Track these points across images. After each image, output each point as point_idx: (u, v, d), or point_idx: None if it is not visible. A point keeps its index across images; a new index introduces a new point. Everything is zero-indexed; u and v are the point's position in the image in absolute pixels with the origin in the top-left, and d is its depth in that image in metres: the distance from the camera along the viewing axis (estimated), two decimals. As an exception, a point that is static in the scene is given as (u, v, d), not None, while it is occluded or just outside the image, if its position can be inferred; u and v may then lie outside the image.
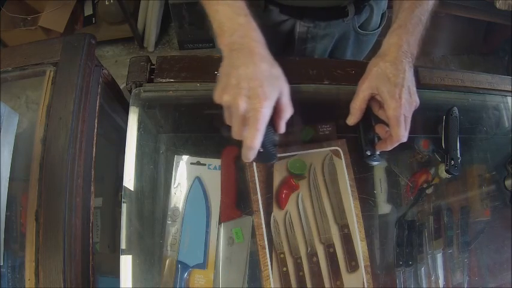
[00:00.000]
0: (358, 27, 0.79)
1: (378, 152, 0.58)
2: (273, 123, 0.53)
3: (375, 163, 0.58)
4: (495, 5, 1.55)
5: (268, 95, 0.47)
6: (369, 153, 0.58)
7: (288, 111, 0.52)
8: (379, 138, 0.60)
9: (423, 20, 0.58)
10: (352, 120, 0.59)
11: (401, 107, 0.52)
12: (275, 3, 0.73)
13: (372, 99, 0.57)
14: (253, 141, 0.47)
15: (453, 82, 0.72)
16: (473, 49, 2.14)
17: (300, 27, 0.76)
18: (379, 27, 0.84)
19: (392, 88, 0.53)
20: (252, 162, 0.52)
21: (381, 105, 0.57)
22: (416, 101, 0.55)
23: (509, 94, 0.77)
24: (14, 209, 0.57)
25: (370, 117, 0.59)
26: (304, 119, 0.68)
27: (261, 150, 0.51)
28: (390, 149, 0.56)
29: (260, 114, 0.46)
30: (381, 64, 0.55)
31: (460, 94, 0.73)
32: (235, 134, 0.50)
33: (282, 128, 0.53)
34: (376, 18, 0.80)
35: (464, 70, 0.74)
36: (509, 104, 0.77)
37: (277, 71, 0.51)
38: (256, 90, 0.47)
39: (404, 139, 0.54)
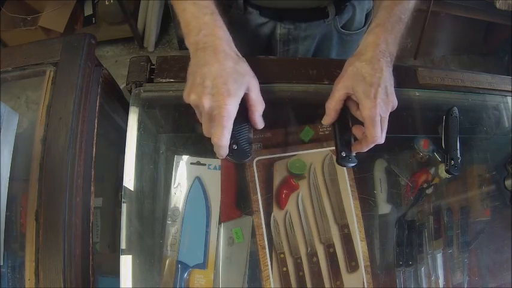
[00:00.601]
0: (341, 27, 0.78)
1: (353, 154, 0.57)
2: (248, 120, 0.53)
3: (350, 165, 0.57)
4: (495, 5, 1.55)
5: (232, 92, 0.47)
6: (343, 154, 0.56)
7: (258, 107, 0.52)
8: (356, 139, 0.58)
9: (403, 18, 0.56)
10: (327, 120, 0.57)
11: (376, 106, 0.51)
12: (254, 5, 0.73)
13: (349, 99, 0.56)
14: (220, 138, 0.47)
15: (453, 82, 0.72)
16: (473, 49, 2.14)
17: (281, 29, 0.76)
18: (363, 26, 0.83)
19: (368, 88, 0.51)
20: (226, 160, 0.53)
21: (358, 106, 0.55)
22: (393, 101, 0.53)
23: (509, 94, 0.77)
24: (14, 209, 0.57)
25: (346, 118, 0.58)
26: (304, 119, 0.68)
27: (235, 148, 0.52)
28: (365, 150, 0.54)
29: (224, 111, 0.47)
30: (357, 63, 0.53)
31: (460, 94, 0.73)
32: (205, 132, 0.50)
33: (259, 124, 0.53)
34: (359, 18, 0.79)
35: (464, 70, 0.74)
36: (509, 104, 0.77)
37: (242, 68, 0.51)
38: (220, 87, 0.47)
39: (380, 140, 0.52)
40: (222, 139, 0.48)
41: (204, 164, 0.63)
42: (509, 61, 2.09)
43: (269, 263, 0.59)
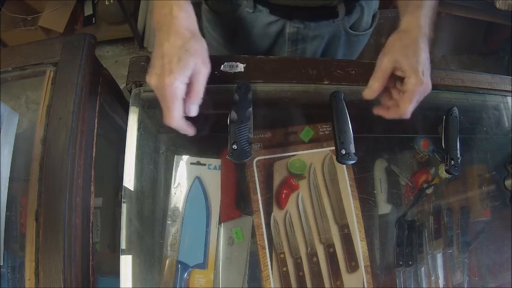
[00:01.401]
0: (349, 27, 0.79)
1: (352, 151, 0.58)
2: (248, 120, 0.53)
3: (350, 162, 0.57)
4: (495, 5, 1.55)
5: (174, 70, 0.46)
6: (343, 152, 0.57)
7: (193, 97, 0.49)
8: (355, 138, 0.59)
9: (434, 7, 0.58)
10: (368, 93, 0.56)
11: (422, 84, 0.52)
12: (265, 3, 0.72)
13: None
14: (169, 120, 0.47)
15: (453, 82, 0.72)
16: (473, 49, 2.14)
17: (290, 28, 0.76)
18: (370, 27, 0.83)
19: (416, 65, 0.52)
20: (226, 160, 0.53)
21: (394, 84, 0.55)
22: (430, 87, 0.54)
23: (509, 94, 0.77)
24: (14, 209, 0.57)
25: (346, 117, 0.59)
26: (304, 119, 0.68)
27: (235, 148, 0.52)
28: (387, 117, 0.56)
29: (167, 91, 0.46)
30: (405, 40, 0.54)
31: (460, 94, 0.73)
32: (164, 119, 0.49)
33: (187, 111, 0.50)
34: (367, 19, 0.80)
35: (464, 70, 0.74)
36: (509, 104, 0.77)
37: (193, 47, 0.48)
38: (164, 66, 0.46)
39: (408, 116, 0.54)
40: (173, 121, 0.47)
41: (204, 164, 0.63)
42: (509, 61, 2.09)
43: (269, 263, 0.59)
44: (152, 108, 0.64)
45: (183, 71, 0.47)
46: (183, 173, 0.63)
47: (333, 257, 0.61)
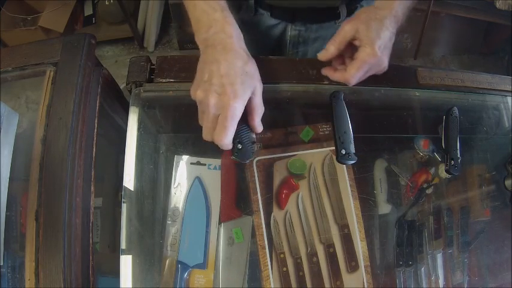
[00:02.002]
0: None
1: (352, 151, 0.58)
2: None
3: (350, 162, 0.58)
4: (495, 5, 1.55)
5: (239, 93, 0.47)
6: (343, 152, 0.57)
7: (258, 111, 0.51)
8: (355, 138, 0.59)
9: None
10: (324, 55, 0.57)
11: (375, 57, 0.52)
12: (265, 6, 0.72)
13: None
14: (222, 139, 0.47)
15: (453, 82, 0.72)
16: (473, 49, 2.14)
17: (291, 30, 0.76)
18: None
19: (375, 38, 0.52)
20: (229, 159, 0.53)
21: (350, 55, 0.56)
22: (385, 66, 0.55)
23: (509, 94, 0.77)
24: (14, 209, 0.57)
25: (346, 117, 0.59)
26: (304, 119, 0.68)
27: (240, 148, 0.51)
28: (332, 78, 0.58)
29: (229, 112, 0.46)
30: (372, 15, 0.54)
31: (460, 94, 0.73)
32: (204, 134, 0.50)
33: (258, 128, 0.52)
34: None
35: (464, 70, 0.74)
36: (509, 104, 0.77)
37: (251, 69, 0.50)
38: (227, 87, 0.46)
39: (351, 82, 0.54)
40: (225, 140, 0.47)
41: (204, 164, 0.63)
42: (509, 61, 2.09)
43: (269, 263, 0.59)
44: (152, 108, 0.64)
45: (246, 94, 0.48)
46: (183, 173, 0.63)
47: (333, 257, 0.61)
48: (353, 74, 0.53)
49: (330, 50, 0.56)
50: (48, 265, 0.49)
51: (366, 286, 0.61)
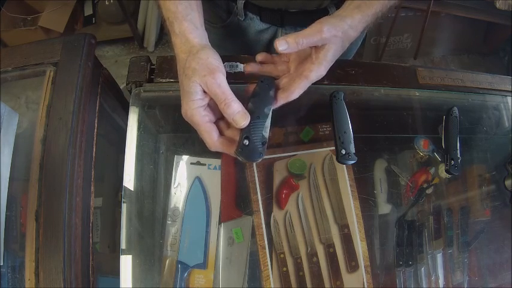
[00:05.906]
0: None
1: (352, 151, 0.58)
2: (266, 117, 0.49)
3: (350, 162, 0.58)
4: (495, 5, 1.55)
5: (184, 101, 0.47)
6: (343, 152, 0.57)
7: (223, 105, 0.46)
8: (355, 138, 0.58)
9: (378, 12, 0.55)
10: (282, 45, 0.47)
11: (321, 77, 0.51)
12: (254, 9, 0.72)
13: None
14: (209, 144, 0.47)
15: (453, 82, 0.72)
16: (473, 49, 2.14)
17: (282, 35, 0.76)
18: None
19: (330, 62, 0.50)
20: (237, 159, 0.49)
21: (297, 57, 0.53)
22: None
23: (509, 94, 0.77)
24: (14, 209, 0.57)
25: (345, 117, 0.59)
26: (304, 119, 0.68)
27: (246, 144, 0.45)
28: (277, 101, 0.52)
29: (192, 123, 0.47)
30: (344, 36, 0.50)
31: (460, 94, 0.73)
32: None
33: (237, 121, 0.46)
34: None
35: (464, 70, 0.74)
36: (509, 104, 0.77)
37: (189, 68, 0.46)
38: (182, 104, 0.47)
39: (291, 99, 0.51)
40: (212, 145, 0.47)
41: (204, 164, 0.63)
42: (509, 61, 2.09)
43: (269, 263, 0.59)
44: (152, 108, 0.64)
45: (190, 99, 0.46)
46: (183, 173, 0.63)
47: (333, 257, 0.61)
48: (298, 92, 0.51)
49: (291, 43, 0.48)
50: (48, 265, 0.49)
51: (366, 286, 0.61)
